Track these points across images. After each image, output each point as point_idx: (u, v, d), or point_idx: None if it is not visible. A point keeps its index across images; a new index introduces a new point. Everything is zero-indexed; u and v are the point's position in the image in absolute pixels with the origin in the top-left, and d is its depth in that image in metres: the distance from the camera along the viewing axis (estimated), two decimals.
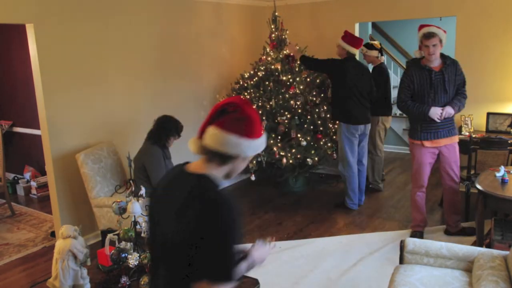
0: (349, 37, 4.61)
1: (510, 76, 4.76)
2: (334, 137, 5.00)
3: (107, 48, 4.28)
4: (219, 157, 1.41)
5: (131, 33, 4.48)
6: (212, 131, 1.40)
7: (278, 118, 4.86)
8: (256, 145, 1.44)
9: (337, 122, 4.76)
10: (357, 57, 4.88)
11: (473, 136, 4.45)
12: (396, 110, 7.25)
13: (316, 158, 4.88)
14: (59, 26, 3.86)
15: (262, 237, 4.24)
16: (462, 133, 4.61)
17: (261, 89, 5.05)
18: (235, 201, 1.37)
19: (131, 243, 2.43)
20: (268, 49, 5.25)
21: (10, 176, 6.24)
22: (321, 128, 4.89)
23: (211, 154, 1.42)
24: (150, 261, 1.66)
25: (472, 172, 4.28)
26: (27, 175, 5.98)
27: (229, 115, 1.40)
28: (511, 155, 4.48)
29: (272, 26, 5.22)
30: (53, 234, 4.39)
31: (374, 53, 5.09)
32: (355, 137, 4.63)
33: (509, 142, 4.10)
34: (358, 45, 4.64)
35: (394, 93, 7.42)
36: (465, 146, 4.47)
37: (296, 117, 4.85)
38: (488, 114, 4.81)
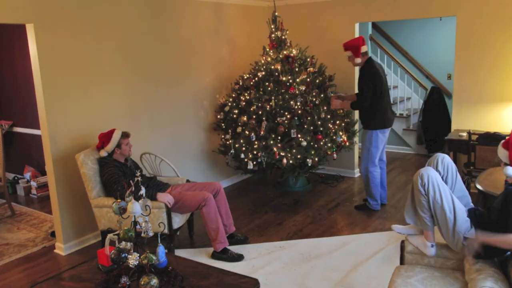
0: (349, 44, 4.50)
1: (510, 76, 4.76)
2: (334, 137, 5.00)
3: (107, 48, 4.27)
4: None
5: (131, 33, 4.48)
6: None
7: (278, 119, 4.85)
8: None
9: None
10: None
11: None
12: (396, 110, 7.27)
13: (316, 159, 4.88)
14: (59, 26, 3.86)
15: (262, 237, 4.26)
16: None
17: (261, 89, 5.05)
18: None
19: (131, 243, 2.42)
20: (268, 49, 5.25)
21: (10, 176, 6.25)
22: (321, 129, 4.89)
23: None
24: None
25: (472, 168, 4.39)
26: (27, 175, 5.98)
27: None
28: None
29: (272, 26, 5.21)
30: (53, 234, 4.39)
31: None
32: (385, 136, 4.66)
33: (506, 138, 4.12)
34: (360, 41, 4.49)
35: (394, 94, 7.45)
36: (465, 144, 4.52)
37: (296, 118, 4.85)
38: None
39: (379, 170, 4.71)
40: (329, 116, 4.99)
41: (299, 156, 4.80)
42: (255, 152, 4.86)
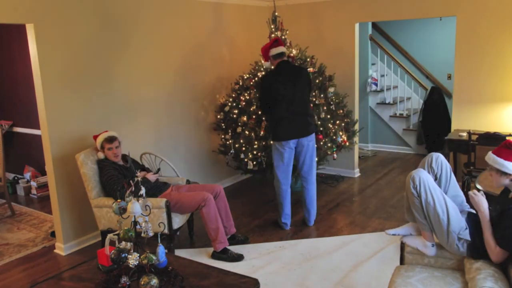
0: (262, 48, 4.38)
1: (510, 76, 4.76)
2: (334, 137, 5.00)
3: (107, 48, 4.27)
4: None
5: (131, 33, 4.48)
6: None
7: None
8: None
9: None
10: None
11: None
12: (396, 110, 7.28)
13: (316, 159, 4.87)
14: (59, 26, 3.86)
15: (262, 237, 4.26)
16: None
17: None
18: None
19: (131, 243, 2.42)
20: None
21: (10, 176, 6.25)
22: (321, 129, 4.88)
23: None
24: None
25: (472, 168, 4.38)
26: (27, 175, 5.98)
27: None
28: None
29: (272, 26, 5.21)
30: (53, 234, 4.39)
31: None
32: (285, 149, 4.21)
33: (506, 137, 4.13)
34: (270, 43, 4.27)
35: (394, 94, 7.45)
36: (465, 144, 4.52)
37: None
38: None
39: (285, 187, 4.31)
40: (329, 116, 4.99)
41: None
42: (255, 152, 4.86)
